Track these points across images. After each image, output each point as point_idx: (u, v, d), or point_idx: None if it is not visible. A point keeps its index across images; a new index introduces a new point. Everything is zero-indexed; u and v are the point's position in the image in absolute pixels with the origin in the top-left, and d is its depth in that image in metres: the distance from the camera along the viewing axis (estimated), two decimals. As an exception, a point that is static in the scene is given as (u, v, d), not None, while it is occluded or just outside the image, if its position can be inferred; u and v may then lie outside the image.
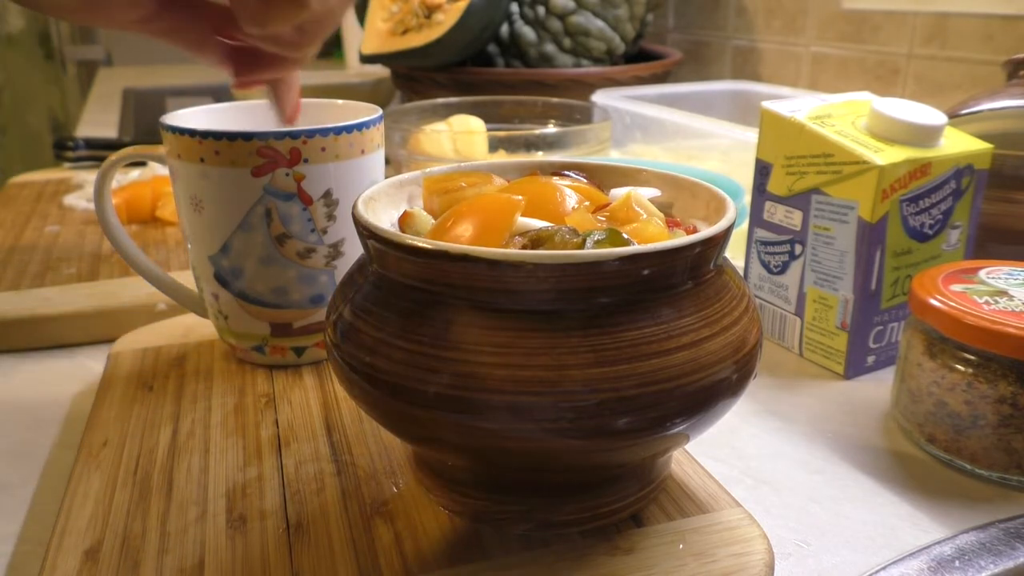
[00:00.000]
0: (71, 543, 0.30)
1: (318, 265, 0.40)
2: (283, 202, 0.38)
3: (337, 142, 0.39)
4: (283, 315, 0.41)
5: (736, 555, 0.29)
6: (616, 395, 0.25)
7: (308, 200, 0.39)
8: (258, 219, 0.39)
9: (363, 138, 0.40)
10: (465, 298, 0.26)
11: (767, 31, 1.01)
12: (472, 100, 0.81)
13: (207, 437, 0.37)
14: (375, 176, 0.41)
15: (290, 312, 0.41)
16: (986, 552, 0.31)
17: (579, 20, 0.89)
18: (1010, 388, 0.35)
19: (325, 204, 0.39)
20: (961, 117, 0.53)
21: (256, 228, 0.39)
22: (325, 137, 0.38)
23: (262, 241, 0.39)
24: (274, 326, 0.41)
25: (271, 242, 0.39)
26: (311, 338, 0.42)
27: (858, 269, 0.43)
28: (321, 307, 0.41)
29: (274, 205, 0.38)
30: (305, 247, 0.40)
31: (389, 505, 0.32)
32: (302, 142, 0.38)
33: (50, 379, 0.47)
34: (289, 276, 0.40)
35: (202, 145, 0.37)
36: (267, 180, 0.38)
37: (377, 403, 0.28)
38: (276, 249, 0.39)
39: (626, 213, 0.30)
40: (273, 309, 0.41)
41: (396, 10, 0.93)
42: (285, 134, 0.37)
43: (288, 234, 0.39)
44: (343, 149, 0.39)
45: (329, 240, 0.40)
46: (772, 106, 0.47)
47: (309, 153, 0.38)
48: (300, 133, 0.38)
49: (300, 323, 0.42)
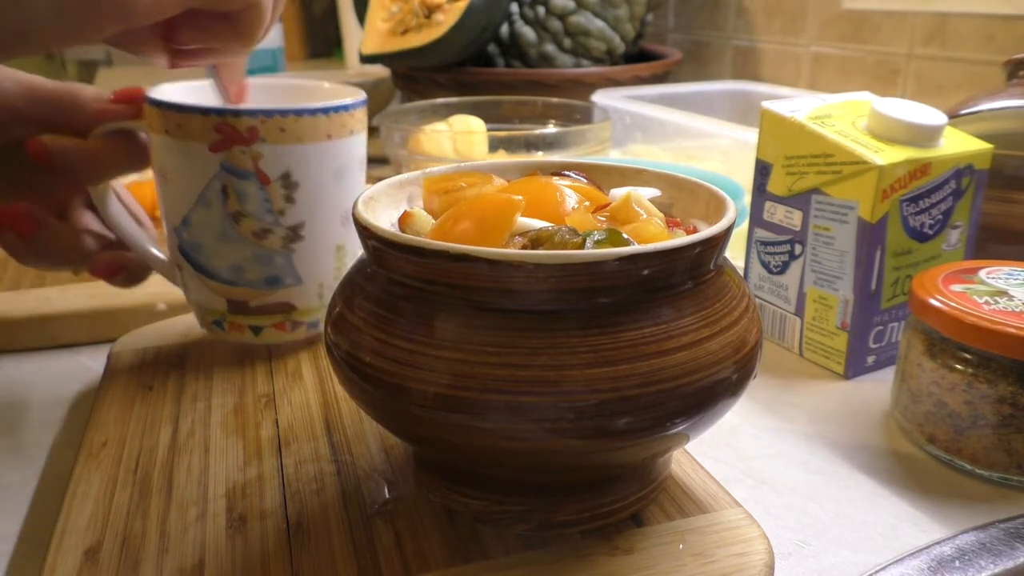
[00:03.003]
0: (71, 543, 0.30)
1: (275, 246, 0.40)
2: (239, 180, 0.38)
3: (298, 124, 0.38)
4: (239, 293, 0.41)
5: (736, 555, 0.29)
6: (616, 395, 0.25)
7: (265, 180, 0.38)
8: (215, 195, 0.38)
9: (329, 123, 0.39)
10: (465, 298, 0.26)
11: (767, 31, 1.01)
12: (472, 100, 0.81)
13: (207, 437, 0.37)
14: (347, 163, 0.41)
15: (246, 291, 0.41)
16: (986, 552, 0.31)
17: (579, 20, 0.89)
18: (1010, 388, 0.35)
19: (283, 186, 0.39)
20: (961, 117, 0.53)
21: (213, 204, 0.39)
22: (284, 118, 0.37)
23: (219, 217, 0.39)
24: (231, 303, 0.41)
25: (227, 219, 0.39)
26: (268, 318, 0.42)
27: (858, 269, 0.43)
28: (277, 288, 0.41)
29: (231, 182, 0.38)
30: (261, 227, 0.39)
31: (389, 505, 0.32)
32: (260, 121, 0.37)
33: (50, 379, 0.47)
34: (245, 255, 0.40)
35: (165, 117, 0.38)
36: (224, 157, 0.38)
37: (377, 403, 0.28)
38: (232, 227, 0.39)
39: (626, 213, 0.30)
40: (229, 286, 0.41)
41: (396, 10, 0.93)
42: (244, 112, 0.37)
43: (244, 212, 0.39)
44: (305, 132, 0.38)
45: (287, 222, 0.39)
46: (772, 106, 0.47)
47: (267, 133, 0.37)
48: (259, 112, 0.37)
49: (256, 303, 0.41)
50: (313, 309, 0.43)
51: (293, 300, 0.42)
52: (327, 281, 0.42)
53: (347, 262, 0.42)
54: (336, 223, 0.41)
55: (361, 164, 0.42)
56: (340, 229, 0.41)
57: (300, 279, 0.41)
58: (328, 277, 0.42)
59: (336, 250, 0.42)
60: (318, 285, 0.42)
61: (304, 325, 0.43)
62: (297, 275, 0.41)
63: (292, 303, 0.42)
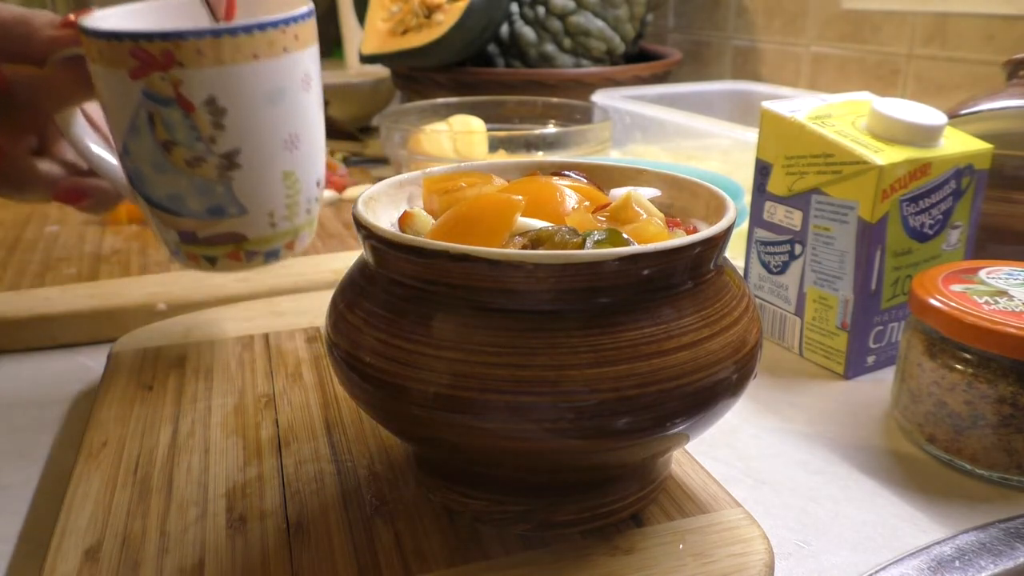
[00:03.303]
0: (71, 543, 0.30)
1: (210, 176, 0.38)
2: (164, 108, 0.36)
3: (218, 45, 0.35)
4: (185, 223, 0.39)
5: (736, 555, 0.29)
6: (616, 395, 0.25)
7: (189, 107, 0.36)
8: (144, 123, 0.37)
9: (253, 42, 0.35)
10: (465, 298, 0.26)
11: (767, 31, 1.01)
12: (472, 100, 0.81)
13: (207, 437, 0.37)
14: (284, 85, 0.37)
15: (191, 221, 0.39)
16: (986, 552, 0.31)
17: (579, 20, 0.89)
18: (1010, 388, 0.35)
19: (210, 112, 0.36)
20: (961, 117, 0.53)
21: (143, 133, 0.37)
22: (200, 40, 0.34)
23: (150, 147, 0.37)
24: (180, 233, 0.40)
25: (158, 148, 0.37)
26: (219, 249, 0.40)
27: (858, 269, 0.43)
28: (222, 219, 0.39)
29: (155, 110, 0.36)
30: (193, 155, 0.37)
31: (389, 505, 0.32)
32: (174, 45, 0.34)
33: (50, 379, 0.47)
34: (182, 184, 0.38)
35: (88, 44, 0.36)
36: (144, 84, 0.36)
37: (377, 403, 0.28)
38: (164, 156, 0.37)
39: (626, 213, 0.30)
40: (175, 216, 0.39)
41: (396, 10, 0.93)
42: (155, 35, 0.35)
43: (173, 141, 0.37)
44: (225, 53, 0.35)
45: (219, 150, 0.37)
46: (772, 106, 0.47)
47: (183, 56, 0.35)
48: (172, 35, 0.34)
49: (204, 233, 0.39)
50: (267, 239, 0.40)
51: (242, 230, 0.39)
52: (278, 210, 0.40)
53: (300, 189, 0.40)
54: (278, 148, 0.38)
55: (307, 83, 0.39)
56: (285, 155, 0.39)
57: (244, 208, 0.39)
58: (279, 206, 0.40)
59: (284, 177, 0.39)
60: (267, 214, 0.40)
61: (260, 255, 0.41)
62: (240, 204, 0.39)
63: (241, 233, 0.40)
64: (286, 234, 0.41)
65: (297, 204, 0.40)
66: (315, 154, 0.41)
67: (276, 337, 0.47)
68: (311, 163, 0.40)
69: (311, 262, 0.59)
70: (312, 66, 0.39)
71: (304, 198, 0.41)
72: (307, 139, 0.40)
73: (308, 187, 0.41)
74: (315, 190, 0.41)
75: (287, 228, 0.41)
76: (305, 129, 0.39)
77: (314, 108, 0.40)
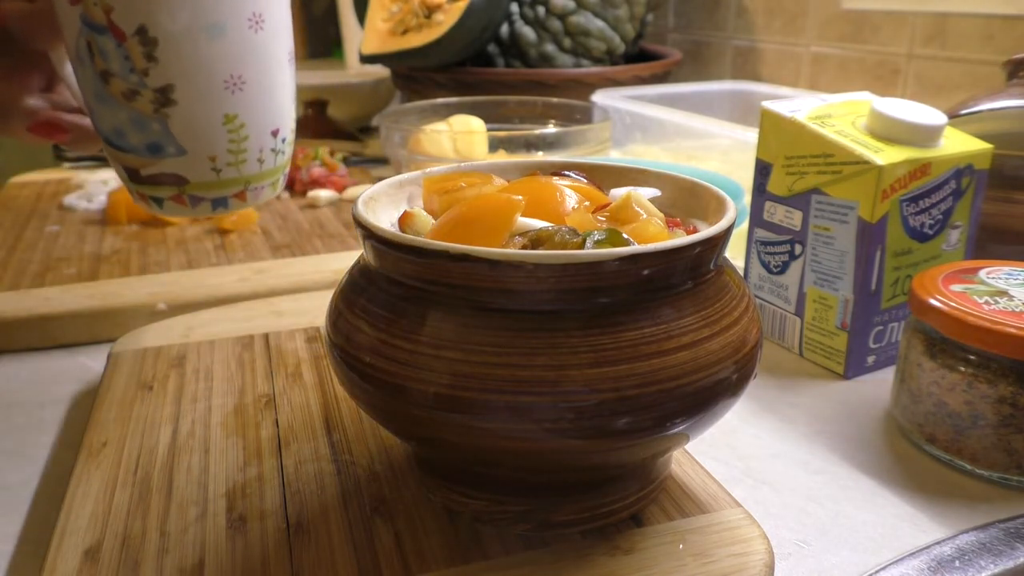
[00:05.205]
0: (71, 543, 0.30)
1: (146, 110, 0.37)
2: (99, 36, 0.35)
3: None
4: (128, 159, 0.38)
5: (736, 555, 0.29)
6: (616, 395, 0.25)
7: (120, 36, 0.35)
8: (84, 52, 0.36)
9: None
10: (465, 298, 0.26)
11: (767, 31, 1.01)
12: (472, 100, 0.81)
13: (207, 437, 0.37)
14: (225, 20, 0.36)
15: (133, 157, 0.38)
16: (986, 552, 0.31)
17: (579, 20, 0.89)
18: (1010, 388, 0.35)
19: (141, 42, 0.35)
20: (961, 117, 0.53)
21: (84, 62, 0.36)
22: None
23: (92, 77, 0.36)
24: (127, 170, 0.39)
25: (98, 78, 0.36)
26: (163, 190, 0.39)
27: (858, 269, 0.43)
28: (162, 158, 0.37)
29: (92, 38, 0.35)
30: (128, 88, 0.36)
31: (389, 505, 0.32)
32: None
33: (50, 379, 0.47)
34: (121, 118, 0.37)
35: None
36: (81, 8, 0.35)
37: (377, 403, 0.28)
38: (103, 87, 0.36)
39: (626, 213, 0.30)
40: (119, 151, 0.38)
41: (396, 10, 0.93)
42: None
43: (109, 71, 0.36)
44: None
45: (153, 84, 0.36)
46: (772, 106, 0.47)
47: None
48: None
49: (146, 172, 0.38)
50: (210, 185, 0.39)
51: (182, 172, 0.38)
52: (220, 155, 0.38)
53: (246, 135, 0.38)
54: (218, 88, 0.37)
55: (257, 23, 0.37)
56: (227, 96, 0.37)
57: (183, 149, 0.37)
58: (220, 151, 0.38)
59: (225, 119, 0.37)
60: (209, 159, 0.38)
61: (207, 202, 0.39)
62: (178, 144, 0.37)
63: (182, 175, 0.38)
64: (233, 182, 0.39)
65: (244, 151, 0.39)
66: (268, 101, 0.39)
67: (276, 337, 0.47)
68: (263, 109, 0.39)
69: (311, 262, 0.59)
70: (268, 7, 0.37)
71: (253, 146, 0.39)
72: (257, 83, 0.38)
73: (259, 135, 0.39)
74: (269, 139, 0.40)
75: (234, 176, 0.39)
76: (254, 72, 0.38)
77: (269, 51, 0.38)
